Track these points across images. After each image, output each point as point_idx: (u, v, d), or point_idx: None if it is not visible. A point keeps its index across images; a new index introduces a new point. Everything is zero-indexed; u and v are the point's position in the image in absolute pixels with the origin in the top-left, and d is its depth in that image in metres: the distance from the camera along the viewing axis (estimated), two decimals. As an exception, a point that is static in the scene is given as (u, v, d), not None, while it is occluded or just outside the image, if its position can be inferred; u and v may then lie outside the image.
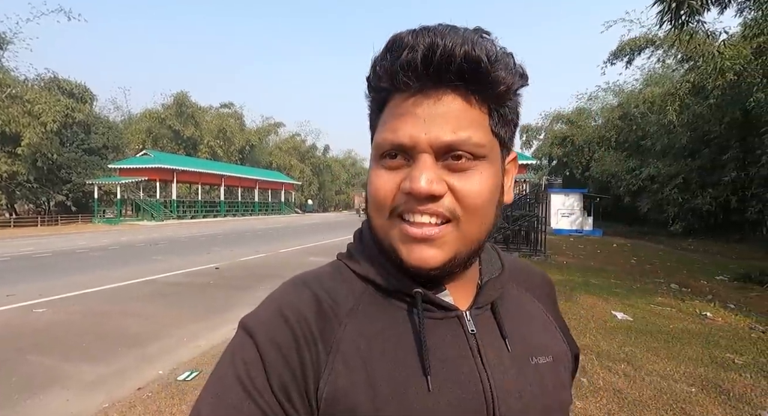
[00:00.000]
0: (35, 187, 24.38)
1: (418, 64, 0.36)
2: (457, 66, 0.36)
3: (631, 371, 2.97)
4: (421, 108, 0.38)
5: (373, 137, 0.42)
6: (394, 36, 0.38)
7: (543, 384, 0.43)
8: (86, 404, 2.72)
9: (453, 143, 0.37)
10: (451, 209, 0.38)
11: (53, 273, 7.51)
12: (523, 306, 0.49)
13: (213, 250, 11.26)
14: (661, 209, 17.59)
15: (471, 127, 0.38)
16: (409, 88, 0.38)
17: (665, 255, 11.16)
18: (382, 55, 0.39)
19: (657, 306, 4.99)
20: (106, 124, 29.42)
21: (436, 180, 0.37)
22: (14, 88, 22.25)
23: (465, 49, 0.36)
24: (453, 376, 0.39)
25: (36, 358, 3.47)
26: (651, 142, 18.27)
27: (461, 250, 0.40)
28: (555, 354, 0.46)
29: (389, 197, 0.39)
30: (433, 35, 0.36)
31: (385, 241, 0.41)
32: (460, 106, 0.38)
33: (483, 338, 0.42)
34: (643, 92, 20.95)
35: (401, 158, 0.39)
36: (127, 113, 40.61)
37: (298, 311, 0.41)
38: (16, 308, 5.07)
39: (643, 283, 6.70)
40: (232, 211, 35.47)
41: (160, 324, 4.49)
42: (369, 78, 0.41)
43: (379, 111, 0.42)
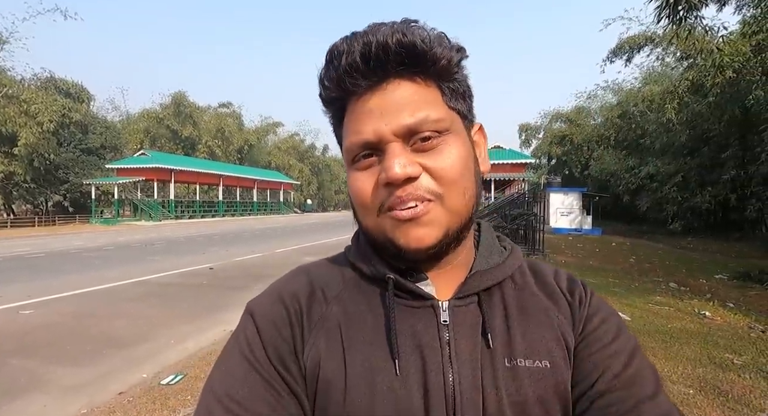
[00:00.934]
0: (32, 187, 24.32)
1: (359, 64, 0.38)
2: (394, 54, 0.38)
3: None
4: (374, 102, 0.39)
5: (342, 147, 0.44)
6: (330, 48, 0.40)
7: (522, 388, 0.40)
8: (65, 409, 2.64)
9: (414, 124, 0.39)
10: (430, 189, 0.39)
11: (45, 274, 7.42)
12: (528, 307, 0.44)
13: (209, 250, 11.18)
14: (660, 208, 17.52)
15: (426, 106, 0.39)
16: (358, 88, 0.39)
17: (664, 254, 11.09)
18: (326, 68, 0.41)
19: (655, 305, 4.92)
20: (104, 124, 29.34)
21: (409, 163, 0.38)
22: (10, 87, 22.19)
23: (397, 37, 0.38)
24: (420, 364, 0.40)
25: (18, 362, 3.39)
26: (650, 141, 18.20)
27: (451, 224, 0.40)
28: (554, 362, 0.41)
29: (370, 194, 0.41)
30: (364, 35, 0.38)
31: (379, 237, 0.42)
32: (409, 90, 0.39)
33: (458, 330, 0.42)
34: (642, 91, 20.89)
35: (373, 156, 0.40)
36: (125, 113, 40.57)
37: (293, 294, 0.45)
38: (2, 309, 4.98)
39: (641, 282, 6.63)
40: (231, 211, 35.40)
41: (149, 326, 4.40)
42: (320, 95, 0.43)
43: (340, 123, 0.43)
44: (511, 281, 0.46)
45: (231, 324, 4.44)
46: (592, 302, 0.45)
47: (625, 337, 0.43)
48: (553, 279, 0.48)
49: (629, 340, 0.43)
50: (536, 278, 0.47)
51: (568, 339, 0.43)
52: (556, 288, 0.46)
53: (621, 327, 0.44)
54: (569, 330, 0.43)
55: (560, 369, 0.41)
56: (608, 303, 0.47)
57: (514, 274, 0.47)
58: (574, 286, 0.47)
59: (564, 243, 13.48)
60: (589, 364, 0.41)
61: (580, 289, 0.47)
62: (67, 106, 24.66)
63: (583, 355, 0.42)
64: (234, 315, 4.84)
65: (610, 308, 0.46)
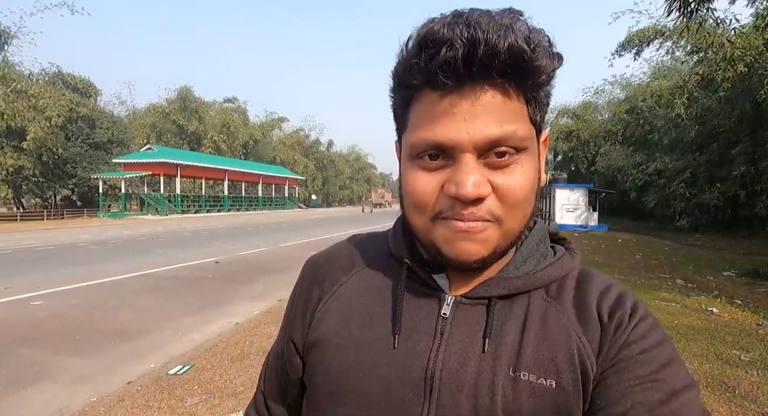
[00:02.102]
0: (41, 181, 24.59)
1: (459, 64, 0.34)
2: (501, 61, 0.34)
3: (632, 368, 2.88)
4: (460, 106, 0.36)
5: (403, 134, 0.42)
6: (426, 29, 0.36)
7: (519, 400, 0.39)
8: (74, 398, 2.68)
9: (499, 138, 0.36)
10: (493, 211, 0.38)
11: (54, 267, 7.53)
12: (551, 322, 0.42)
13: (214, 244, 11.26)
14: (667, 204, 17.34)
15: (515, 120, 0.37)
16: (445, 86, 0.36)
17: (671, 251, 10.99)
18: (415, 51, 0.37)
19: (662, 301, 4.88)
20: (111, 119, 29.52)
21: (482, 182, 0.37)
22: (19, 82, 22.38)
23: (509, 42, 0.34)
24: (411, 346, 0.42)
25: (28, 352, 3.44)
26: (658, 136, 17.98)
27: (502, 245, 0.40)
28: (560, 384, 0.39)
29: (431, 200, 0.39)
30: (471, 28, 0.34)
31: (425, 239, 0.42)
32: (501, 100, 0.37)
33: (457, 327, 0.43)
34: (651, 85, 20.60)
35: (440, 158, 0.38)
36: (132, 108, 40.70)
37: (331, 259, 0.52)
38: (13, 300, 5.06)
39: (648, 279, 6.58)
40: (236, 206, 35.59)
41: (155, 318, 4.45)
42: (397, 73, 0.40)
43: (405, 106, 0.41)
44: (544, 291, 0.44)
45: (237, 317, 4.47)
46: (638, 328, 0.40)
47: (671, 372, 0.37)
48: (597, 296, 0.43)
49: (677, 377, 0.37)
50: (577, 292, 0.43)
51: (586, 363, 0.39)
52: (592, 308, 0.42)
53: (670, 362, 0.38)
54: (591, 354, 0.40)
55: (565, 392, 0.39)
56: (664, 335, 0.40)
57: (550, 285, 0.44)
58: (617, 308, 0.41)
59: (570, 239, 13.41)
60: (616, 393, 0.37)
61: (625, 313, 0.41)
62: (74, 100, 24.84)
63: (611, 382, 0.38)
64: (239, 308, 4.88)
65: (661, 338, 0.40)
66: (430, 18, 0.37)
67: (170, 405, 2.52)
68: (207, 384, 2.79)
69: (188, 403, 2.55)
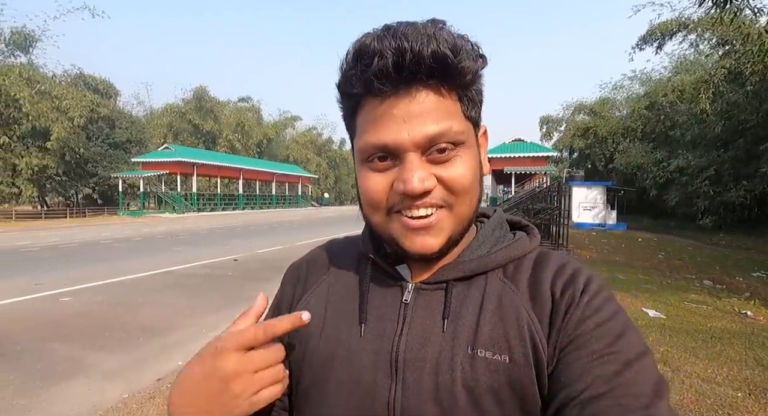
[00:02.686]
0: (64, 180, 25.31)
1: (390, 71, 0.38)
2: (427, 66, 0.38)
3: (668, 372, 2.78)
4: (398, 108, 0.40)
5: (354, 141, 0.45)
6: (359, 43, 0.40)
7: (476, 375, 0.41)
8: (106, 393, 2.73)
9: (437, 135, 0.40)
10: (442, 198, 0.42)
11: (79, 264, 7.73)
12: (505, 301, 0.45)
13: (231, 242, 11.41)
14: (690, 202, 16.81)
15: (449, 117, 0.41)
16: (383, 92, 0.40)
17: (695, 251, 10.67)
18: (352, 64, 0.41)
19: (691, 303, 4.72)
20: (130, 119, 30.18)
21: (427, 177, 0.40)
22: (43, 84, 23.03)
23: (432, 49, 0.38)
24: (379, 332, 0.46)
25: (60, 347, 3.53)
26: (680, 133, 17.45)
27: (455, 231, 0.44)
28: (513, 358, 0.41)
29: (383, 198, 0.43)
30: (398, 38, 0.38)
31: (385, 234, 0.45)
32: (434, 100, 0.40)
33: (417, 311, 0.46)
34: (673, 80, 20.00)
35: (388, 159, 0.42)
36: (149, 108, 41.57)
37: (309, 261, 0.57)
38: (44, 297, 5.21)
39: (673, 279, 6.38)
40: (250, 204, 36.02)
41: (179, 315, 4.52)
42: (340, 85, 0.43)
43: (353, 114, 0.44)
44: (501, 273, 0.47)
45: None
46: (593, 304, 0.42)
47: (625, 343, 0.39)
48: (551, 274, 0.45)
49: (631, 347, 0.39)
50: (533, 272, 0.46)
51: (535, 338, 0.41)
52: (545, 286, 0.44)
53: (623, 333, 0.40)
54: (540, 329, 0.42)
55: (517, 366, 0.41)
56: (617, 307, 0.42)
57: (507, 266, 0.47)
58: (570, 285, 0.43)
59: (587, 238, 13.14)
60: (577, 368, 0.38)
61: (577, 289, 0.43)
62: (95, 101, 25.48)
63: (571, 358, 0.39)
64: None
65: (613, 311, 0.42)
66: (364, 33, 0.41)
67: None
68: (234, 382, 2.81)
69: (217, 401, 2.57)
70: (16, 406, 2.55)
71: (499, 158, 23.84)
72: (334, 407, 0.46)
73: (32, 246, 10.42)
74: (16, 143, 22.26)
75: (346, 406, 0.45)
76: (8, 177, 22.19)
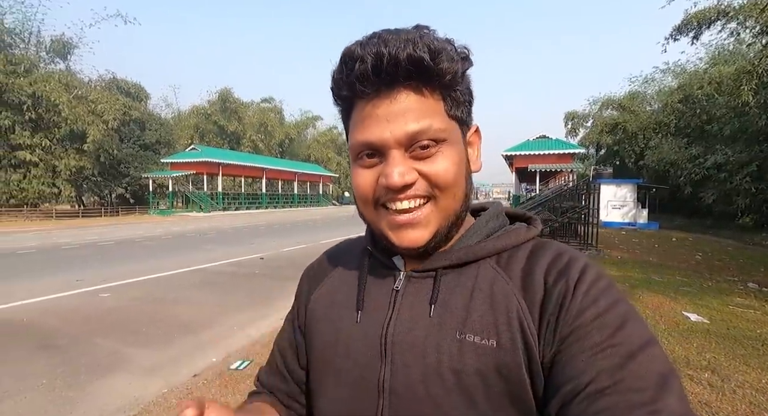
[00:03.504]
0: (99, 180, 26.52)
1: (370, 74, 0.41)
2: (404, 68, 0.41)
3: (717, 381, 2.63)
4: (381, 109, 0.43)
5: (348, 140, 0.49)
6: (345, 49, 0.43)
7: (464, 359, 0.43)
8: (146, 388, 2.82)
9: (417, 132, 0.43)
10: (425, 190, 0.45)
11: (115, 261, 8.07)
12: (496, 289, 0.46)
13: (257, 241, 11.65)
14: (728, 200, 15.94)
15: (429, 116, 0.43)
16: (367, 94, 0.43)
17: (735, 251, 10.10)
18: (339, 69, 0.44)
19: (737, 307, 4.47)
20: (159, 121, 31.29)
21: (407, 171, 0.43)
22: (80, 89, 24.16)
23: (408, 52, 0.40)
24: (373, 318, 0.50)
25: (102, 341, 3.68)
26: (718, 127, 16.55)
27: (442, 224, 0.46)
28: (500, 343, 0.43)
29: (370, 192, 0.46)
30: (377, 44, 0.41)
31: (376, 229, 0.49)
32: (415, 100, 0.43)
33: (406, 297, 0.49)
34: (710, 72, 18.98)
35: (375, 157, 0.45)
36: (177, 110, 42.95)
37: (321, 260, 0.63)
38: (84, 292, 5.46)
39: (714, 282, 6.06)
40: (273, 203, 36.68)
41: (211, 312, 4.64)
42: (332, 89, 0.47)
43: (348, 116, 0.47)
44: (495, 262, 0.48)
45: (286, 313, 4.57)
46: (590, 293, 0.41)
47: (626, 334, 0.39)
48: (546, 263, 0.46)
49: (633, 338, 0.38)
50: (528, 261, 0.47)
51: (524, 324, 0.42)
52: (538, 274, 0.45)
53: (624, 323, 0.39)
54: (529, 316, 0.43)
55: (504, 350, 0.42)
56: (617, 296, 0.42)
57: (501, 255, 0.48)
58: (564, 273, 0.44)
59: (617, 237, 12.67)
60: (581, 361, 0.38)
61: (572, 278, 0.43)
62: (127, 104, 26.55)
63: (574, 351, 0.39)
64: (288, 303, 4.93)
65: (613, 301, 0.41)
66: (354, 41, 0.44)
67: (236, 401, 2.59)
68: (267, 380, 2.85)
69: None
70: (66, 398, 2.67)
71: (523, 155, 23.31)
72: (335, 387, 0.51)
73: (72, 243, 10.96)
74: (55, 146, 23.47)
75: (344, 387, 0.50)
76: (49, 178, 23.43)
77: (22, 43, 24.67)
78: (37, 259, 8.26)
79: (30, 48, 25.15)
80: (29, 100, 21.42)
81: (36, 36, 25.53)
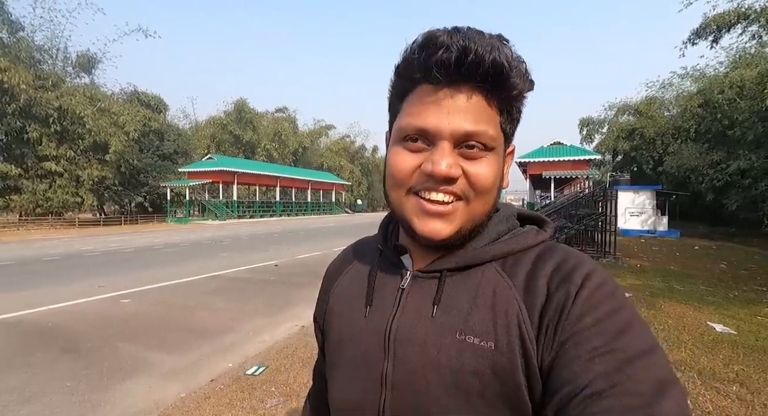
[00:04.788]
0: (120, 189, 27.29)
1: (452, 64, 0.42)
2: (484, 70, 0.42)
3: (746, 395, 2.53)
4: (447, 101, 0.43)
5: (394, 120, 0.49)
6: (429, 33, 0.43)
7: (462, 359, 0.44)
8: (166, 392, 2.88)
9: (472, 133, 0.43)
10: (463, 190, 0.45)
11: (135, 267, 8.27)
12: (499, 292, 0.46)
13: (271, 248, 11.77)
14: (754, 207, 15.43)
15: (487, 122, 0.44)
16: (438, 82, 0.43)
17: (763, 260, 9.72)
18: (418, 50, 0.44)
19: (766, 318, 4.30)
20: (176, 131, 32.12)
21: (454, 165, 0.44)
22: (103, 102, 25.07)
23: (493, 56, 0.41)
24: (380, 314, 0.51)
25: (123, 345, 3.77)
26: (741, 132, 16.07)
27: (466, 225, 0.47)
28: (498, 346, 0.43)
29: (409, 176, 0.46)
30: (466, 39, 0.41)
31: (398, 213, 0.49)
32: (480, 103, 0.44)
33: (411, 296, 0.50)
34: (731, 75, 18.52)
35: (422, 142, 0.45)
36: (194, 121, 44.04)
37: (340, 258, 0.66)
38: (106, 298, 5.60)
39: (741, 291, 5.85)
40: (287, 211, 37.06)
41: (227, 318, 4.70)
42: (399, 67, 0.46)
43: (401, 97, 0.47)
44: (500, 265, 0.48)
45: (302, 320, 4.60)
46: (592, 299, 0.42)
47: (627, 340, 0.38)
48: (551, 268, 0.46)
49: (634, 344, 0.38)
50: (534, 266, 0.47)
51: (522, 328, 0.43)
52: (540, 280, 0.45)
53: (625, 329, 0.39)
54: (528, 320, 0.43)
55: (501, 353, 0.43)
56: (621, 302, 0.42)
57: (507, 259, 0.49)
58: (566, 280, 0.44)
59: (636, 245, 12.37)
60: (578, 365, 0.38)
61: (573, 284, 0.43)
62: (147, 116, 27.38)
63: (572, 355, 0.39)
64: (302, 310, 5.01)
65: (615, 306, 0.41)
66: (433, 28, 0.44)
67: (252, 406, 2.62)
68: (283, 387, 2.87)
69: (268, 404, 2.63)
70: (89, 401, 2.74)
71: (537, 162, 23.02)
72: (343, 378, 0.53)
73: (95, 250, 11.29)
74: (79, 156, 24.34)
75: (351, 378, 0.52)
76: (73, 187, 24.25)
77: (50, 59, 25.80)
78: (61, 266, 8.53)
79: (57, 63, 26.29)
80: (55, 113, 22.31)
81: (63, 52, 26.70)
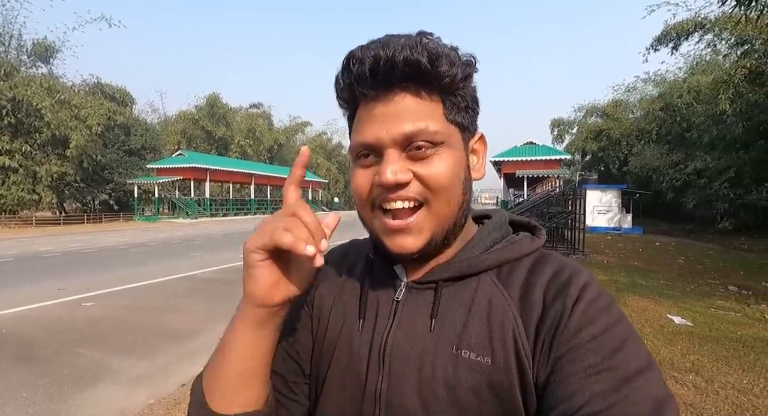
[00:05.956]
0: (82, 186, 25.87)
1: (367, 75, 0.42)
2: (400, 70, 0.42)
3: (701, 382, 2.70)
4: (379, 110, 0.44)
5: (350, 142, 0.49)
6: (348, 53, 0.44)
7: (458, 374, 0.43)
8: (132, 399, 2.76)
9: (411, 134, 0.43)
10: (419, 192, 0.44)
11: (99, 269, 7.87)
12: (494, 303, 0.45)
13: (245, 247, 11.49)
14: (709, 205, 16.45)
15: (425, 118, 0.43)
16: (366, 96, 0.44)
17: (716, 255, 10.40)
18: (342, 72, 0.45)
19: (718, 310, 4.60)
20: (144, 126, 30.77)
21: (401, 170, 0.43)
22: (63, 93, 23.66)
23: (404, 55, 0.41)
24: (373, 327, 0.50)
25: (85, 352, 3.58)
26: (697, 134, 17.13)
27: (436, 231, 0.45)
28: (494, 361, 0.42)
29: (366, 191, 0.46)
30: (376, 47, 0.42)
31: (371, 231, 0.49)
32: (412, 102, 0.43)
33: (407, 309, 0.49)
34: (688, 81, 19.65)
35: (373, 157, 0.45)
36: (164, 115, 42.35)
37: (332, 261, 0.60)
38: (67, 302, 5.30)
39: (696, 285, 6.23)
40: (262, 209, 36.31)
41: (199, 320, 4.56)
42: (336, 94, 0.48)
43: (350, 120, 0.48)
44: (495, 275, 0.47)
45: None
46: (588, 313, 0.41)
47: (623, 357, 0.38)
48: (547, 278, 0.45)
49: (630, 361, 0.37)
50: (529, 275, 0.46)
51: (518, 343, 0.42)
52: (537, 290, 0.44)
53: (621, 346, 0.38)
54: (524, 334, 0.42)
55: (498, 369, 0.42)
56: (617, 316, 0.41)
57: (502, 268, 0.48)
58: (562, 292, 0.43)
59: (603, 242, 12.92)
60: (574, 383, 0.37)
61: (570, 297, 0.42)
62: (112, 109, 26.03)
63: (568, 372, 0.38)
64: (278, 311, 4.93)
65: (612, 321, 0.40)
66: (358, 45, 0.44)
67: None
68: (258, 389, 2.81)
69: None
70: (48, 411, 2.59)
71: (510, 161, 23.63)
72: (335, 391, 0.51)
73: (54, 251, 10.66)
74: (36, 151, 22.88)
75: (342, 393, 0.50)
76: (29, 184, 22.78)
77: (1, 47, 24.12)
78: (16, 268, 8.01)
79: (10, 51, 24.57)
80: (9, 105, 20.87)
81: (17, 39, 24.99)
